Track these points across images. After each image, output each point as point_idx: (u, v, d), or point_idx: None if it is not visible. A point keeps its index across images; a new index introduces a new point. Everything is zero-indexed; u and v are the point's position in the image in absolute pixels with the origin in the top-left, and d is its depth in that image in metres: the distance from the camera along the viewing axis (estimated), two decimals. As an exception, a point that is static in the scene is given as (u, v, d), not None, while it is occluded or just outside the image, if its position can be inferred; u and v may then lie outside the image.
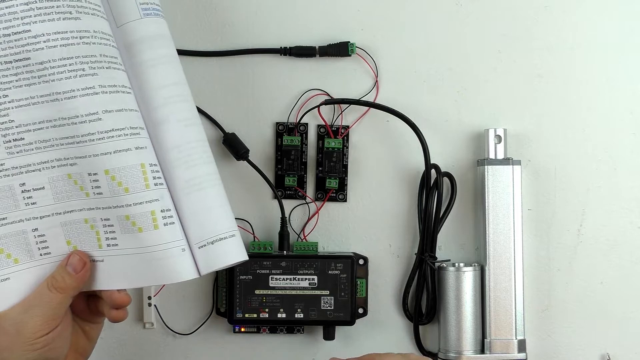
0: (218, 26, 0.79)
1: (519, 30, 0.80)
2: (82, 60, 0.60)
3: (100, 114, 0.60)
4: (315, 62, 0.80)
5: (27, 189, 0.62)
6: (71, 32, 0.60)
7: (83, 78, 0.60)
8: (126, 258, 0.62)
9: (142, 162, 0.61)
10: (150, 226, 0.61)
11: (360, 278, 0.78)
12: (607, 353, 0.80)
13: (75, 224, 0.63)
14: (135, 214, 0.61)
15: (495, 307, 0.77)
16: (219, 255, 0.63)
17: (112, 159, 0.60)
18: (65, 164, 0.61)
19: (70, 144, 0.61)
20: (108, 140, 0.60)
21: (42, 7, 0.59)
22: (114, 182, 0.60)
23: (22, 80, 0.60)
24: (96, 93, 0.60)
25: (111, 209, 0.61)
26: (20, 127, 0.60)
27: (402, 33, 0.80)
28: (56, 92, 0.60)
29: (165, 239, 0.61)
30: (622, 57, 0.80)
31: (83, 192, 0.62)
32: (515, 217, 0.77)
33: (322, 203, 0.80)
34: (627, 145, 0.80)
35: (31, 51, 0.59)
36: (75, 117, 0.60)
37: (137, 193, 0.61)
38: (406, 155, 0.80)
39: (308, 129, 0.80)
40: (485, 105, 0.80)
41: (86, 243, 0.63)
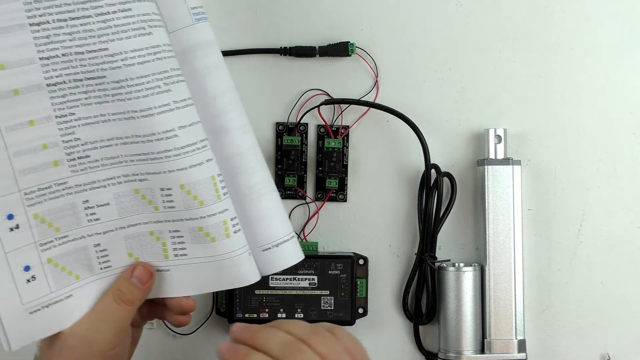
0: (218, 26, 0.79)
1: (519, 30, 0.80)
2: (157, 77, 0.59)
3: (176, 130, 0.59)
4: (315, 62, 0.80)
5: (90, 205, 0.61)
6: (146, 49, 0.58)
7: (159, 95, 0.59)
8: (195, 267, 0.62)
9: (213, 174, 0.61)
10: (223, 235, 0.61)
11: (360, 278, 0.78)
12: (607, 353, 0.80)
13: (139, 236, 0.63)
14: (209, 225, 0.61)
15: (495, 307, 0.77)
16: (282, 257, 0.64)
17: (187, 174, 0.60)
18: (134, 180, 0.61)
19: (143, 160, 0.60)
20: (184, 156, 0.59)
21: (120, 24, 0.58)
22: (189, 196, 0.60)
23: (92, 98, 0.59)
24: (171, 110, 0.59)
25: (183, 222, 0.61)
26: (86, 145, 0.60)
27: (402, 33, 0.80)
28: (132, 111, 0.59)
29: (235, 246, 0.62)
30: (622, 57, 0.80)
31: (151, 206, 0.61)
32: (515, 217, 0.77)
33: (322, 203, 0.80)
34: (627, 145, 0.80)
35: (107, 70, 0.58)
36: (151, 134, 0.59)
37: (211, 205, 0.61)
38: (406, 155, 0.80)
39: (308, 129, 0.80)
40: (485, 105, 0.80)
41: (150, 254, 0.63)
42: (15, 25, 0.56)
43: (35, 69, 0.57)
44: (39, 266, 0.59)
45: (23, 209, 0.58)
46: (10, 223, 0.58)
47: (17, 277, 0.58)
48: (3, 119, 0.57)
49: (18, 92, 0.57)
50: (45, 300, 0.60)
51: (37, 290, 0.59)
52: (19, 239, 0.58)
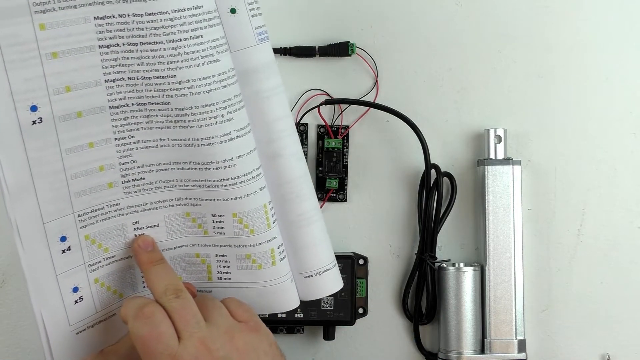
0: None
1: (519, 30, 0.80)
2: (221, 105, 0.57)
3: (235, 159, 0.58)
4: (315, 62, 0.80)
5: (140, 226, 0.60)
6: (213, 77, 0.56)
7: (221, 124, 0.57)
8: (238, 290, 0.62)
9: (265, 203, 0.60)
10: (269, 263, 0.61)
11: (360, 278, 0.78)
12: (607, 353, 0.80)
13: (184, 257, 0.62)
14: (257, 253, 0.61)
15: (495, 307, 0.77)
16: (323, 285, 0.64)
17: (241, 203, 0.59)
18: (187, 204, 0.60)
19: (199, 186, 0.59)
20: (240, 186, 0.59)
21: (190, 51, 0.55)
22: (240, 225, 0.60)
23: (153, 122, 0.57)
24: (232, 139, 0.58)
25: (231, 247, 0.61)
26: (142, 168, 0.59)
27: (402, 33, 0.80)
28: (194, 138, 0.57)
29: (280, 273, 0.62)
30: (622, 57, 0.80)
31: (201, 230, 0.61)
32: (515, 217, 0.77)
33: (322, 203, 0.80)
34: (627, 145, 0.80)
35: (173, 97, 0.56)
36: (210, 162, 0.58)
37: (260, 234, 0.60)
38: (406, 155, 0.80)
39: (308, 129, 0.80)
40: (485, 105, 0.80)
41: (194, 275, 0.63)
42: (84, 47, 0.55)
43: (100, 91, 0.56)
44: (87, 287, 0.59)
45: (76, 230, 0.57)
46: (63, 245, 0.57)
47: (66, 298, 0.58)
48: (64, 141, 0.55)
49: (81, 114, 0.56)
50: (91, 320, 0.59)
51: (84, 312, 0.59)
52: (70, 260, 0.57)
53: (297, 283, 0.64)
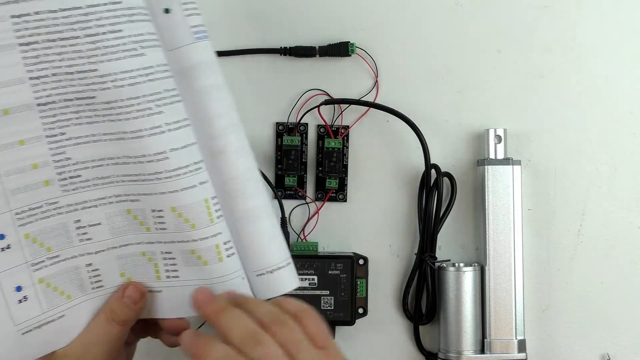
0: (218, 26, 0.79)
1: (519, 30, 0.80)
2: (149, 98, 0.58)
3: (168, 152, 0.58)
4: (315, 62, 0.80)
5: (82, 225, 0.60)
6: (137, 70, 0.57)
7: (150, 117, 0.58)
8: (187, 289, 0.62)
9: (206, 198, 0.60)
10: (215, 259, 0.60)
11: (360, 278, 0.78)
12: (607, 353, 0.80)
13: (131, 256, 0.62)
14: (201, 249, 0.60)
15: (495, 307, 0.77)
16: (277, 284, 0.63)
17: (179, 196, 0.59)
18: (126, 200, 0.60)
19: (134, 181, 0.59)
20: (175, 179, 0.58)
21: (109, 45, 0.56)
22: (180, 219, 0.59)
23: (83, 118, 0.58)
24: (162, 132, 0.58)
25: (175, 244, 0.61)
26: (78, 165, 0.59)
27: (402, 33, 0.80)
28: (122, 132, 0.58)
29: (228, 270, 0.61)
30: (622, 57, 0.80)
31: (143, 226, 0.61)
32: (515, 217, 0.77)
33: (322, 203, 0.80)
34: (627, 145, 0.80)
35: (97, 90, 0.57)
36: (142, 156, 0.58)
37: (203, 228, 0.60)
38: (406, 155, 0.80)
39: (308, 129, 0.80)
40: (485, 105, 0.80)
41: (142, 274, 0.62)
42: (4, 46, 0.55)
43: (25, 88, 0.56)
44: (31, 286, 0.59)
45: (14, 229, 0.58)
46: (2, 243, 0.57)
47: (9, 297, 0.58)
48: None
49: (7, 111, 0.56)
50: (38, 321, 0.59)
51: (29, 311, 0.59)
52: (11, 259, 0.58)
53: (250, 282, 0.63)
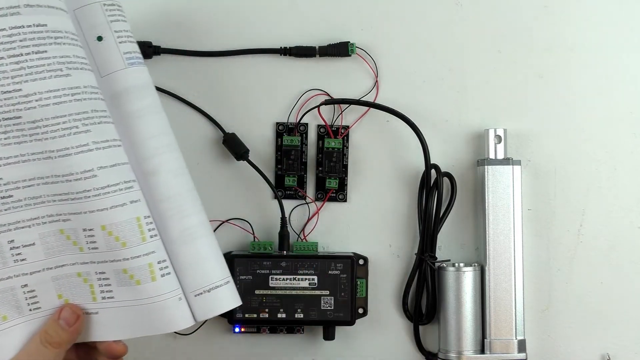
0: (218, 26, 0.79)
1: (519, 30, 0.80)
2: (75, 117, 0.59)
3: (95, 170, 0.59)
4: (315, 62, 0.80)
5: (15, 245, 0.61)
6: (63, 90, 0.59)
7: (76, 135, 0.59)
8: (123, 310, 0.62)
9: (138, 216, 0.60)
10: (148, 278, 0.61)
11: (360, 278, 0.78)
12: (607, 353, 0.80)
13: (67, 277, 0.62)
14: (133, 268, 0.61)
15: (495, 307, 0.77)
16: (215, 303, 0.63)
17: (108, 214, 0.60)
18: (58, 220, 0.61)
19: (64, 200, 0.60)
20: (104, 197, 0.59)
21: (33, 65, 0.58)
22: (110, 237, 0.60)
23: (11, 138, 0.58)
24: (90, 150, 0.59)
25: (107, 263, 0.61)
26: (9, 185, 0.59)
27: (402, 33, 0.80)
28: (49, 150, 0.59)
29: (163, 290, 0.61)
30: (622, 57, 0.80)
31: (76, 246, 0.61)
32: (515, 217, 0.77)
33: (322, 203, 0.80)
34: (627, 145, 0.80)
35: (22, 110, 0.58)
36: (69, 174, 0.59)
37: (134, 247, 0.60)
38: (406, 155, 0.80)
39: (308, 129, 0.80)
40: (485, 105, 0.80)
41: (79, 296, 0.63)
42: None
43: None
44: None
45: None
46: None
47: None
48: None
49: None
50: None
51: None
52: None
53: (189, 302, 0.63)
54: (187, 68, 0.79)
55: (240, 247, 0.79)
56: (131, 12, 0.78)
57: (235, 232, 0.79)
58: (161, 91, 0.78)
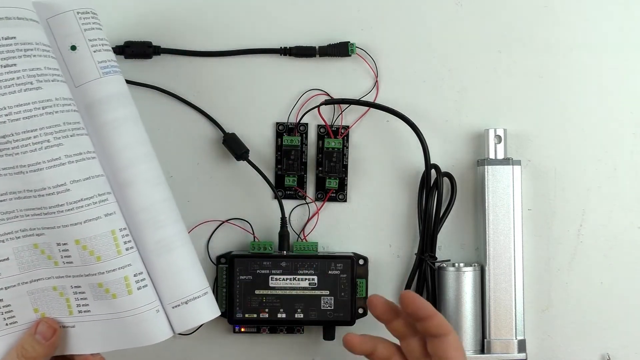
0: (218, 26, 0.79)
1: (519, 30, 0.80)
2: (47, 131, 0.58)
3: (68, 184, 0.58)
4: (315, 62, 0.80)
5: None
6: (33, 104, 0.58)
7: (48, 150, 0.58)
8: (99, 323, 0.62)
9: (113, 229, 0.60)
10: (124, 292, 0.60)
11: (360, 278, 0.78)
12: (607, 353, 0.80)
13: (42, 292, 0.62)
14: (109, 281, 0.60)
15: (495, 307, 0.77)
16: (193, 314, 0.63)
17: (82, 228, 0.59)
18: (32, 234, 0.60)
19: (37, 215, 0.59)
20: (77, 211, 0.59)
21: (3, 79, 0.57)
22: (85, 252, 0.59)
23: None
24: (62, 164, 0.58)
25: (82, 277, 0.61)
26: None
27: (402, 33, 0.80)
28: (21, 165, 0.58)
29: (139, 303, 0.61)
30: (622, 57, 0.80)
31: (51, 261, 0.61)
32: (515, 217, 0.77)
33: (322, 203, 0.80)
34: (627, 145, 0.80)
35: None
36: (42, 189, 0.58)
37: (109, 260, 0.60)
38: (406, 155, 0.80)
39: (308, 129, 0.80)
40: (485, 105, 0.80)
41: (55, 310, 0.62)
42: None
43: None
44: None
45: None
46: None
47: None
48: None
49: None
50: None
51: None
52: None
53: (168, 314, 0.63)
54: (187, 68, 0.79)
55: (240, 247, 0.79)
56: (131, 12, 0.78)
57: (235, 232, 0.79)
58: (161, 91, 0.78)
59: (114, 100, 0.63)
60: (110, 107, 0.62)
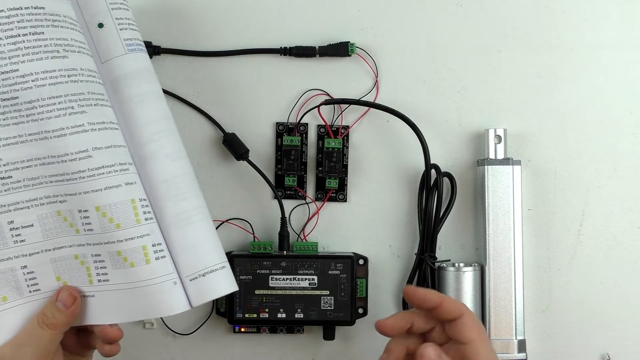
0: (218, 26, 0.79)
1: (519, 30, 0.80)
2: (71, 98, 0.60)
3: (90, 151, 0.60)
4: (315, 62, 0.80)
5: (15, 226, 0.61)
6: (59, 71, 0.60)
7: (72, 116, 0.60)
8: (118, 293, 0.62)
9: (132, 198, 0.61)
10: (142, 261, 0.61)
11: (360, 278, 0.78)
12: (607, 353, 0.80)
13: (65, 260, 0.63)
14: (127, 250, 0.61)
15: (495, 307, 0.77)
16: (211, 287, 0.63)
17: (102, 195, 0.60)
18: (55, 201, 0.61)
19: (60, 181, 0.60)
20: (98, 177, 0.60)
21: (30, 46, 0.59)
22: (104, 219, 0.60)
23: (9, 119, 0.59)
24: (85, 130, 0.60)
25: (102, 245, 0.61)
26: (8, 166, 0.60)
27: (402, 33, 0.80)
28: (45, 131, 0.59)
29: (157, 273, 0.61)
30: (622, 57, 0.80)
31: (73, 228, 0.62)
32: (515, 217, 0.77)
33: (322, 203, 0.80)
34: (627, 145, 0.80)
35: (19, 90, 0.59)
36: (65, 155, 0.60)
37: (129, 229, 0.61)
38: (406, 155, 0.80)
39: (308, 129, 0.80)
40: (485, 105, 0.80)
41: (76, 278, 0.63)
42: None
43: None
44: None
45: None
46: None
47: None
48: None
49: None
50: None
51: None
52: None
53: (185, 286, 0.63)
54: (187, 68, 0.79)
55: (240, 247, 0.79)
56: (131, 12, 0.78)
57: (235, 232, 0.79)
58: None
59: (138, 76, 0.64)
60: (135, 82, 0.64)
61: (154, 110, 0.64)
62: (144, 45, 0.66)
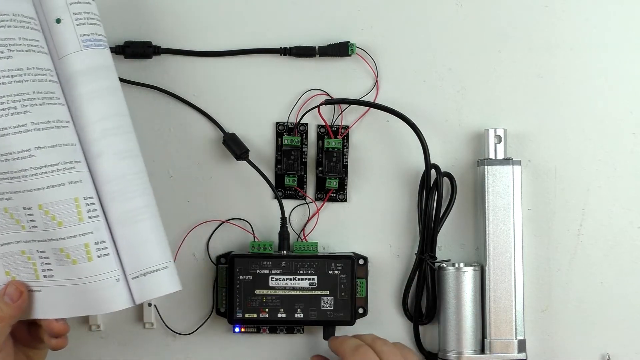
0: (218, 26, 0.79)
1: (519, 30, 0.80)
2: (14, 98, 0.60)
3: (33, 150, 0.61)
4: (315, 62, 0.80)
5: None
6: (2, 72, 0.60)
7: (15, 116, 0.60)
8: (63, 289, 0.63)
9: (76, 197, 0.62)
10: (84, 258, 0.62)
11: (360, 278, 0.78)
12: (607, 353, 0.80)
13: (13, 255, 0.64)
14: (69, 247, 0.62)
15: (495, 307, 0.77)
16: (152, 287, 0.64)
17: (45, 194, 0.61)
18: (1, 198, 0.62)
19: (5, 179, 0.61)
20: (41, 176, 0.61)
21: None
22: (47, 217, 0.61)
23: None
24: (28, 130, 0.61)
25: (46, 242, 0.62)
26: None
27: (402, 33, 0.80)
28: None
29: (99, 270, 0.63)
30: (622, 57, 0.80)
31: (19, 225, 0.63)
32: (515, 217, 0.77)
33: (322, 203, 0.80)
34: (627, 145, 0.80)
35: None
36: (8, 153, 0.60)
37: (71, 227, 0.62)
38: (406, 155, 0.80)
39: (308, 129, 0.80)
40: (485, 105, 0.80)
41: (24, 274, 0.64)
42: None
43: None
44: None
45: None
46: None
47: None
48: None
49: None
50: None
51: None
52: None
53: (129, 284, 0.64)
54: (187, 68, 0.79)
55: (240, 247, 0.79)
56: (131, 12, 0.78)
57: (235, 232, 0.79)
58: (161, 91, 0.78)
59: (91, 73, 0.64)
60: (88, 78, 0.64)
61: (106, 107, 0.65)
62: (105, 40, 0.66)
